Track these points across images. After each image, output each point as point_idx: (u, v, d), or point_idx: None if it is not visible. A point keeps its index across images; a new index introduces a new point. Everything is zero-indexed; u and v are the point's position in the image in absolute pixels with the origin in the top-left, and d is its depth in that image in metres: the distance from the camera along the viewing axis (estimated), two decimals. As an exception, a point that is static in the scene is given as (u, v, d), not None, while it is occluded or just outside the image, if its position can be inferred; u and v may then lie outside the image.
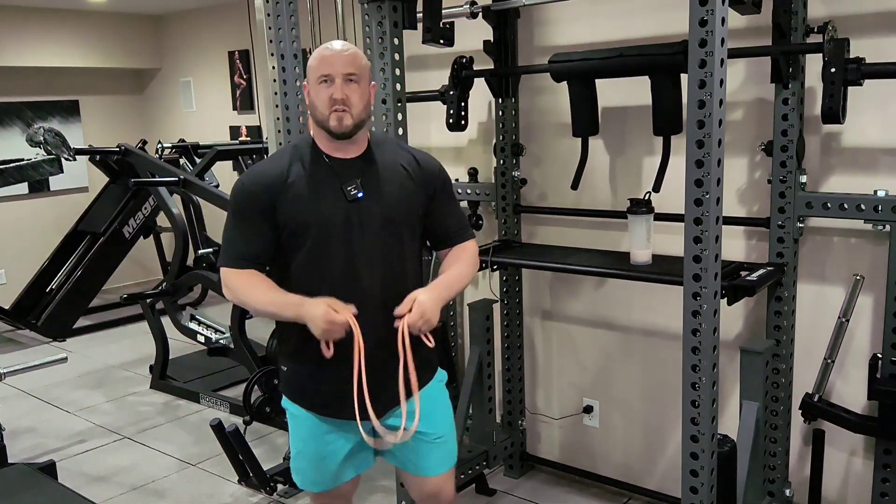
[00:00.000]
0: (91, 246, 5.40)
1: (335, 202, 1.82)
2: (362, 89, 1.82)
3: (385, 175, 1.87)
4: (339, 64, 1.78)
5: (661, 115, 2.37)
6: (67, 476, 3.29)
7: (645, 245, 2.47)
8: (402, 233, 1.89)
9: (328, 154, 1.86)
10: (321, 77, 1.79)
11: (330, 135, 1.82)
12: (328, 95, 1.78)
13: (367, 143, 1.90)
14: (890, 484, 2.29)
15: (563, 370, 3.15)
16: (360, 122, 1.83)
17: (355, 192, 1.83)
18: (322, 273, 1.83)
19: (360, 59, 1.83)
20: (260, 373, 3.15)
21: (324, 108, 1.79)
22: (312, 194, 1.82)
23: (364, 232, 1.83)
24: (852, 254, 2.39)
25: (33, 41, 6.07)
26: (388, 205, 1.85)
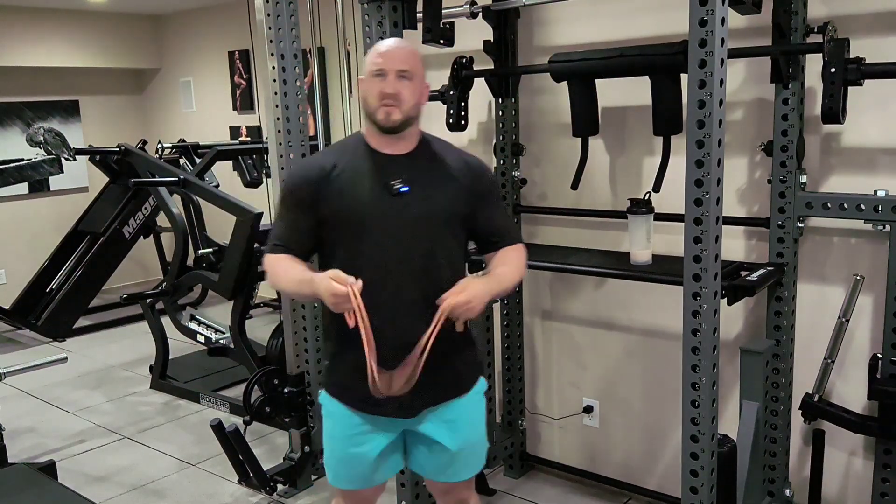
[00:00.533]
0: (91, 246, 5.39)
1: (377, 196, 1.83)
2: (414, 86, 1.82)
3: (431, 174, 1.87)
4: (394, 60, 1.81)
5: (661, 115, 2.37)
6: (67, 476, 3.29)
7: (645, 245, 2.47)
8: (444, 232, 1.87)
9: (377, 149, 1.87)
10: (375, 71, 1.81)
11: (378, 129, 1.84)
12: (380, 89, 1.80)
13: (418, 141, 1.90)
14: (890, 484, 2.29)
15: (563, 370, 3.16)
16: (409, 118, 1.83)
17: (399, 186, 1.82)
18: (359, 266, 1.82)
19: (416, 57, 1.85)
20: (260, 373, 3.15)
21: (374, 101, 1.81)
22: (355, 188, 1.83)
23: (404, 228, 1.83)
24: (852, 254, 2.39)
25: (33, 41, 6.07)
26: (431, 203, 1.84)
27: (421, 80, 1.86)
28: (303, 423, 3.16)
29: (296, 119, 2.98)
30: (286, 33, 2.91)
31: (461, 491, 2.08)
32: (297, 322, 3.13)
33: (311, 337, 3.12)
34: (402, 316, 1.82)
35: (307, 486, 3.21)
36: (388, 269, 1.82)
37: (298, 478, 3.17)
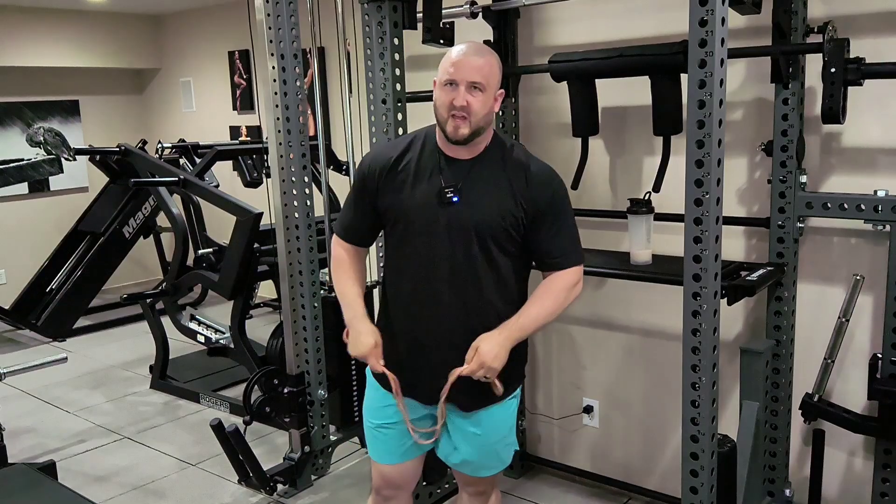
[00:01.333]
0: (91, 246, 5.39)
1: (429, 200, 1.84)
2: (486, 98, 1.78)
3: (488, 186, 1.84)
4: (465, 71, 1.76)
5: (661, 115, 2.37)
6: (67, 476, 3.29)
7: (645, 245, 2.47)
8: (490, 245, 1.85)
9: (443, 150, 1.87)
10: (446, 80, 1.78)
11: (446, 138, 1.83)
12: (450, 100, 1.77)
13: (484, 148, 1.87)
14: (890, 484, 2.29)
15: (563, 370, 3.15)
16: (478, 129, 1.81)
17: (451, 195, 1.82)
18: (404, 266, 1.90)
19: (489, 68, 1.79)
20: (260, 373, 3.15)
21: (444, 112, 1.79)
22: (413, 187, 1.86)
23: (450, 236, 1.83)
24: (852, 254, 2.39)
25: (33, 41, 6.06)
26: (478, 215, 1.83)
27: (494, 90, 1.82)
28: (303, 423, 3.16)
29: (296, 119, 2.98)
30: (286, 33, 2.91)
31: (482, 485, 2.11)
32: (297, 322, 3.13)
33: (311, 337, 3.12)
34: (439, 320, 1.87)
35: (307, 486, 3.21)
36: (429, 272, 1.85)
37: (298, 478, 3.17)
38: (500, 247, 1.86)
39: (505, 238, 1.85)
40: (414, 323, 1.92)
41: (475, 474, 2.05)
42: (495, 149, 1.88)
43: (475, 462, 2.02)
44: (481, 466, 2.04)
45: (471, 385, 1.86)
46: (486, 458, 2.02)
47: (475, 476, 2.06)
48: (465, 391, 1.88)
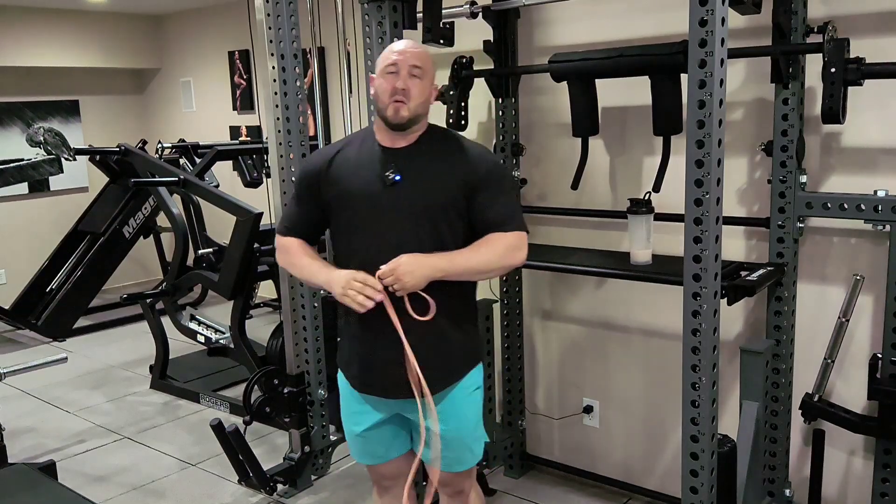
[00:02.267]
0: (91, 246, 5.39)
1: (372, 186, 1.90)
2: (424, 85, 1.89)
3: (428, 166, 1.92)
4: (406, 56, 1.88)
5: (661, 115, 2.37)
6: (67, 476, 3.29)
7: (645, 245, 2.47)
8: (436, 223, 1.89)
9: (380, 143, 1.95)
10: (388, 67, 1.88)
11: (386, 124, 1.90)
12: (392, 85, 1.86)
13: (420, 135, 1.95)
14: (890, 484, 2.29)
15: (563, 370, 3.15)
16: (416, 115, 1.89)
17: (393, 176, 1.89)
18: (353, 251, 1.95)
19: (427, 57, 1.92)
20: (260, 373, 3.15)
21: (385, 97, 1.87)
22: (352, 176, 1.93)
23: (395, 217, 1.89)
24: (852, 254, 2.39)
25: (33, 41, 6.06)
26: (423, 193, 1.89)
27: (430, 81, 1.93)
28: (303, 423, 3.16)
29: (296, 119, 2.98)
30: (286, 33, 2.91)
31: (458, 483, 2.12)
32: (297, 322, 3.13)
33: (311, 337, 3.12)
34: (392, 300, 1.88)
35: (307, 486, 3.21)
36: (379, 255, 1.88)
37: (298, 478, 3.17)
38: (447, 224, 1.91)
39: (449, 215, 1.91)
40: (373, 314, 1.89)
41: (449, 469, 2.06)
42: (431, 134, 1.98)
43: (447, 458, 2.02)
44: (454, 461, 2.05)
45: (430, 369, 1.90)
46: (457, 452, 2.03)
47: (449, 472, 2.07)
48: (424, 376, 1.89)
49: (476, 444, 2.08)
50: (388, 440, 2.07)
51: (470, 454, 2.07)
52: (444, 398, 1.97)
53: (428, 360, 1.90)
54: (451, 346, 1.96)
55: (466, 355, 2.02)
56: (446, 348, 1.95)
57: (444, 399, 1.97)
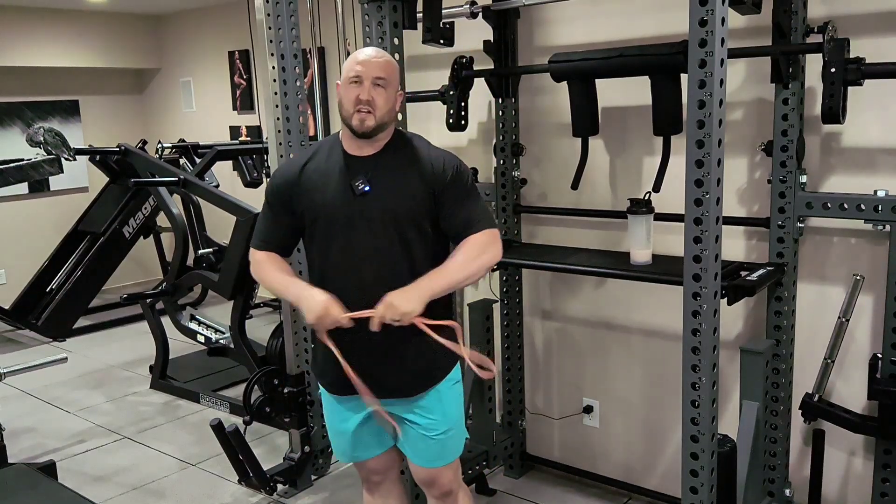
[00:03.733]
0: (91, 246, 5.39)
1: (342, 196, 1.91)
2: (388, 94, 1.90)
3: (395, 173, 1.93)
4: (370, 67, 1.88)
5: (661, 115, 2.37)
6: (67, 476, 3.29)
7: (645, 245, 2.47)
8: (406, 230, 1.91)
9: (347, 151, 1.95)
10: (352, 78, 1.89)
11: (352, 133, 1.91)
12: (355, 96, 1.87)
13: (386, 144, 1.95)
14: (890, 484, 2.29)
15: (563, 370, 3.15)
16: (382, 124, 1.90)
17: (362, 186, 1.90)
18: (327, 262, 1.96)
19: (392, 66, 1.93)
20: (260, 373, 3.15)
21: (349, 107, 1.88)
22: (322, 187, 1.94)
23: (367, 226, 1.90)
24: (852, 254, 2.39)
25: (33, 41, 6.06)
26: (392, 201, 1.90)
27: (395, 88, 1.94)
28: (303, 423, 3.16)
29: (296, 119, 2.98)
30: (286, 33, 2.91)
31: (443, 481, 2.12)
32: (297, 322, 3.13)
33: (311, 337, 3.12)
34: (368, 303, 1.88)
35: (307, 486, 3.21)
36: (353, 265, 1.92)
37: (298, 478, 3.17)
38: (416, 230, 1.93)
39: (418, 221, 1.92)
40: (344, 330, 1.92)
41: (431, 465, 2.08)
42: (397, 141, 1.98)
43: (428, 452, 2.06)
44: (436, 456, 2.07)
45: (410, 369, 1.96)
46: (438, 445, 2.05)
47: (431, 467, 2.09)
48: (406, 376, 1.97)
49: (458, 439, 2.11)
50: (377, 432, 2.09)
51: (452, 448, 2.10)
52: (428, 392, 2.01)
53: (414, 365, 1.96)
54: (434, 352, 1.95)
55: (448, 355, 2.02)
56: (431, 354, 1.96)
57: (427, 393, 2.01)
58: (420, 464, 2.10)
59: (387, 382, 1.96)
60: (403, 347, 1.94)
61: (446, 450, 2.09)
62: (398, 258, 1.91)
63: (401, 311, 1.79)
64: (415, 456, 2.10)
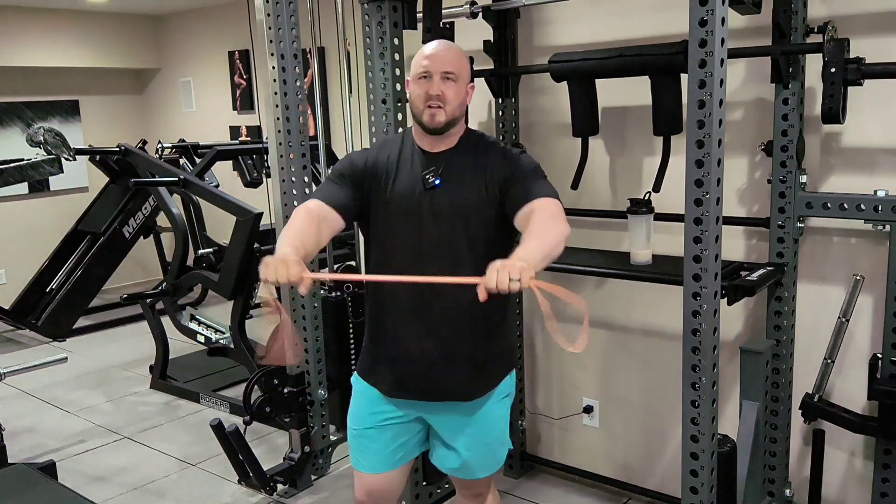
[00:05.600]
0: (91, 246, 5.39)
1: (413, 189, 1.89)
2: (459, 88, 1.87)
3: (466, 168, 1.90)
4: (438, 62, 1.84)
5: (661, 115, 2.37)
6: (67, 476, 3.29)
7: (645, 245, 2.47)
8: (474, 223, 1.88)
9: (420, 147, 1.93)
10: (421, 73, 1.85)
11: (424, 129, 1.89)
12: (425, 91, 1.84)
13: (459, 139, 1.94)
14: (890, 484, 2.29)
15: (563, 370, 3.15)
16: (453, 119, 1.88)
17: (433, 179, 1.88)
18: (393, 254, 1.92)
19: (461, 59, 1.89)
20: (260, 373, 3.15)
21: (419, 103, 1.85)
22: (395, 180, 1.91)
23: (435, 220, 1.87)
24: (852, 254, 2.39)
25: (33, 41, 6.06)
26: (460, 195, 1.88)
27: (466, 81, 1.90)
28: (303, 423, 3.16)
29: (296, 119, 2.98)
30: (286, 33, 2.91)
31: (478, 487, 2.11)
32: (298, 322, 3.13)
33: (311, 337, 3.12)
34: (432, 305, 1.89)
35: (307, 486, 3.21)
36: (418, 259, 1.88)
37: (298, 478, 3.17)
38: (486, 224, 1.89)
39: (488, 217, 1.89)
40: (407, 313, 1.91)
41: (472, 477, 2.05)
42: (469, 138, 1.96)
43: (472, 464, 2.01)
44: (478, 468, 2.03)
45: (465, 374, 1.92)
46: (483, 458, 2.02)
47: (472, 479, 2.06)
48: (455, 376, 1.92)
49: (501, 451, 2.07)
50: (404, 444, 2.02)
51: (494, 460, 2.06)
52: (477, 404, 1.97)
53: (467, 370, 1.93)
54: (488, 357, 1.95)
55: (503, 364, 2.02)
56: (483, 358, 1.95)
57: (477, 405, 1.96)
58: (462, 476, 2.06)
59: (447, 387, 1.92)
60: (460, 348, 1.91)
61: (489, 462, 2.05)
62: (462, 252, 1.88)
63: (519, 266, 1.52)
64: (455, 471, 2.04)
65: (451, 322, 1.90)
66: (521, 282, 1.52)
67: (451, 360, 1.91)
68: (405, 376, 1.95)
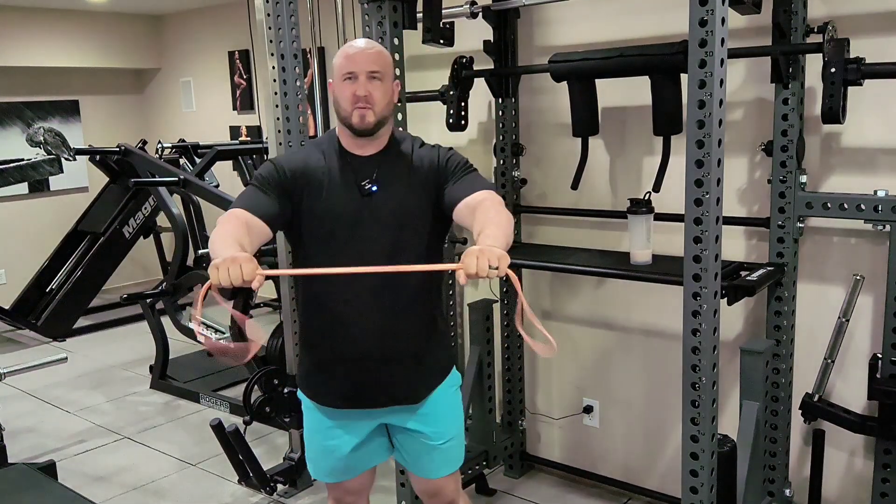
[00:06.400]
0: (91, 246, 5.39)
1: (350, 197, 1.85)
2: (385, 87, 1.83)
3: (399, 170, 1.88)
4: (363, 62, 1.80)
5: (661, 115, 2.37)
6: (67, 476, 3.29)
7: (645, 245, 2.47)
8: (415, 225, 1.88)
9: (349, 151, 1.89)
10: (345, 74, 1.81)
11: (352, 131, 1.85)
12: (352, 92, 1.80)
13: (388, 141, 1.91)
14: (890, 484, 2.29)
15: (563, 370, 3.15)
16: (383, 119, 1.84)
17: (370, 186, 1.85)
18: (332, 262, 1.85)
19: (384, 57, 1.86)
20: (260, 373, 3.15)
21: (347, 105, 1.81)
22: (329, 189, 1.85)
23: (375, 226, 1.85)
24: (852, 254, 2.39)
25: (33, 41, 6.06)
26: (399, 198, 1.86)
27: (391, 80, 1.87)
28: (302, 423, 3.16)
29: (296, 119, 2.98)
30: (286, 33, 2.91)
31: (448, 491, 2.09)
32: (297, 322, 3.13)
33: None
34: (377, 313, 1.86)
35: (307, 486, 3.21)
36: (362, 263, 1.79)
37: (298, 478, 3.17)
38: (425, 225, 1.88)
39: (430, 214, 1.88)
40: (351, 324, 1.88)
41: (437, 475, 2.04)
42: (397, 140, 1.93)
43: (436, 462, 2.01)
44: (442, 465, 2.03)
45: (410, 374, 1.91)
46: (444, 454, 2.02)
47: (435, 478, 2.04)
48: (400, 383, 1.91)
49: (460, 445, 2.07)
50: (369, 455, 2.02)
51: (455, 455, 2.06)
52: (427, 401, 1.96)
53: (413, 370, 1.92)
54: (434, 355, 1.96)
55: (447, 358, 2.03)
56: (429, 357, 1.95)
57: (426, 402, 1.96)
58: (425, 476, 2.05)
59: (395, 389, 1.91)
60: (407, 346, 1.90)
61: (451, 458, 2.04)
62: (407, 255, 1.85)
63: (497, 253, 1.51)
64: (419, 469, 2.04)
65: (392, 324, 1.87)
66: (498, 270, 1.52)
67: (394, 362, 1.89)
68: (346, 383, 1.92)
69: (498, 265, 1.51)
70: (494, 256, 1.51)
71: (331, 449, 1.98)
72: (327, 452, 2.00)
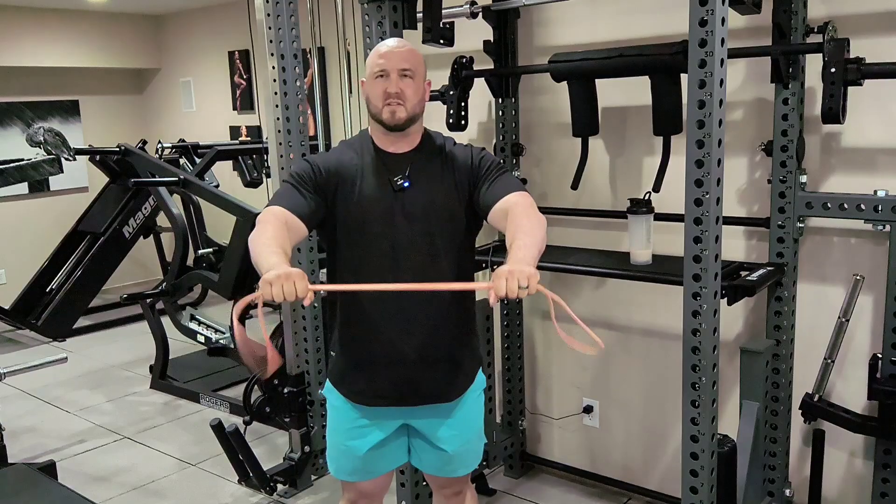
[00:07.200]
0: (91, 246, 5.39)
1: (382, 192, 1.86)
2: (416, 84, 1.86)
3: (431, 168, 1.90)
4: (394, 59, 1.83)
5: (661, 115, 2.37)
6: (67, 476, 3.29)
7: (645, 245, 2.47)
8: (447, 221, 1.88)
9: (382, 148, 1.91)
10: (377, 72, 1.84)
11: (384, 128, 1.87)
12: (383, 89, 1.83)
13: (420, 139, 1.93)
14: (890, 484, 2.29)
15: (563, 370, 3.15)
16: (414, 115, 1.86)
17: (402, 182, 1.86)
18: (364, 260, 1.88)
19: (416, 55, 1.88)
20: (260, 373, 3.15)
21: (378, 102, 1.84)
22: (362, 185, 1.87)
23: (407, 222, 1.86)
24: (852, 254, 2.39)
25: (33, 41, 6.07)
26: (431, 196, 1.87)
27: (422, 78, 1.89)
28: (303, 423, 3.16)
29: (296, 119, 2.98)
30: (286, 33, 2.91)
31: (458, 485, 2.12)
32: (297, 322, 3.13)
33: (311, 337, 3.12)
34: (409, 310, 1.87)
35: (307, 486, 3.21)
36: (391, 262, 1.86)
37: (298, 478, 3.17)
38: (457, 224, 1.90)
39: (461, 213, 1.89)
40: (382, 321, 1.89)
41: (454, 475, 2.05)
42: (430, 138, 1.95)
43: (455, 462, 2.02)
44: (460, 465, 2.05)
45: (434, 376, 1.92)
46: (465, 454, 2.03)
47: (453, 477, 2.06)
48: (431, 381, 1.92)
49: (480, 446, 2.09)
50: (390, 456, 2.02)
51: (475, 456, 2.07)
52: (456, 405, 1.97)
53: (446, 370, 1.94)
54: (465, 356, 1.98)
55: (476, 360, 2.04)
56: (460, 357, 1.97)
57: (455, 405, 1.97)
58: (443, 475, 2.07)
59: (429, 388, 1.92)
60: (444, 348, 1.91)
61: (469, 459, 2.06)
62: (439, 252, 1.87)
63: (527, 273, 1.53)
64: (437, 470, 2.05)
65: (431, 324, 1.89)
66: (528, 289, 1.55)
67: (431, 362, 1.91)
68: (383, 382, 1.93)
69: (528, 284, 1.54)
70: (524, 276, 1.53)
71: (353, 449, 1.98)
72: (349, 452, 1.99)
